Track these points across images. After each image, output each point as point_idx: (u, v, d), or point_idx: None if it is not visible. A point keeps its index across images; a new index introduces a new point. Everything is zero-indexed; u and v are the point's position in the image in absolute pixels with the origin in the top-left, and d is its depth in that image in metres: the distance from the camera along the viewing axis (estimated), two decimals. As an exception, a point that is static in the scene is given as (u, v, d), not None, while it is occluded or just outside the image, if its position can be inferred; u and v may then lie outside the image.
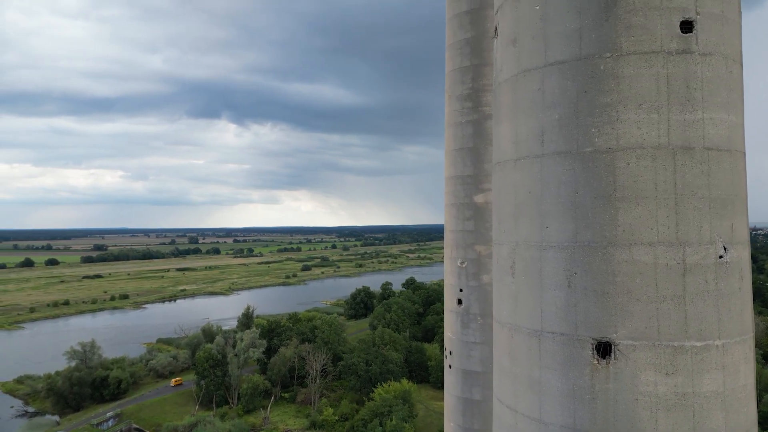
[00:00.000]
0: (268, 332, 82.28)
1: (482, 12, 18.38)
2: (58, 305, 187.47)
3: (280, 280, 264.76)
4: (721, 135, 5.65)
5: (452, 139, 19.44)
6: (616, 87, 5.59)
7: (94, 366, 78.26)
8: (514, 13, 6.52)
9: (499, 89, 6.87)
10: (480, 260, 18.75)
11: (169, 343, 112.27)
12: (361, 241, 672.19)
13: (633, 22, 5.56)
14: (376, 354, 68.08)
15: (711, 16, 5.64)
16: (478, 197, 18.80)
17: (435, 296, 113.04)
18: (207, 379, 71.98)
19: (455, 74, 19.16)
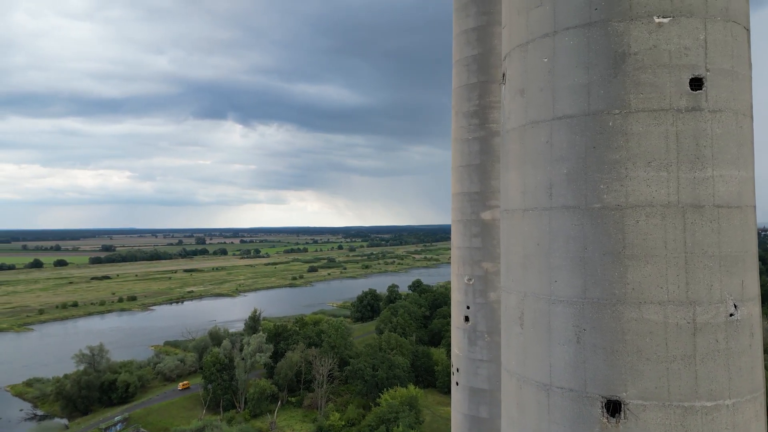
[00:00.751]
0: (275, 336, 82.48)
1: (489, 29, 18.38)
2: (67, 307, 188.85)
3: (287, 282, 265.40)
4: (732, 192, 5.62)
5: (459, 155, 19.44)
6: (624, 144, 5.57)
7: (102, 370, 78.80)
8: (522, 63, 6.51)
9: (507, 136, 6.86)
10: (487, 277, 18.74)
11: (176, 345, 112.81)
12: (368, 241, 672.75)
13: (642, 80, 5.54)
14: (383, 359, 68.11)
15: (721, 72, 5.62)
16: (485, 214, 18.79)
17: (441, 299, 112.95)
18: (214, 383, 72.30)
19: (462, 91, 19.15)
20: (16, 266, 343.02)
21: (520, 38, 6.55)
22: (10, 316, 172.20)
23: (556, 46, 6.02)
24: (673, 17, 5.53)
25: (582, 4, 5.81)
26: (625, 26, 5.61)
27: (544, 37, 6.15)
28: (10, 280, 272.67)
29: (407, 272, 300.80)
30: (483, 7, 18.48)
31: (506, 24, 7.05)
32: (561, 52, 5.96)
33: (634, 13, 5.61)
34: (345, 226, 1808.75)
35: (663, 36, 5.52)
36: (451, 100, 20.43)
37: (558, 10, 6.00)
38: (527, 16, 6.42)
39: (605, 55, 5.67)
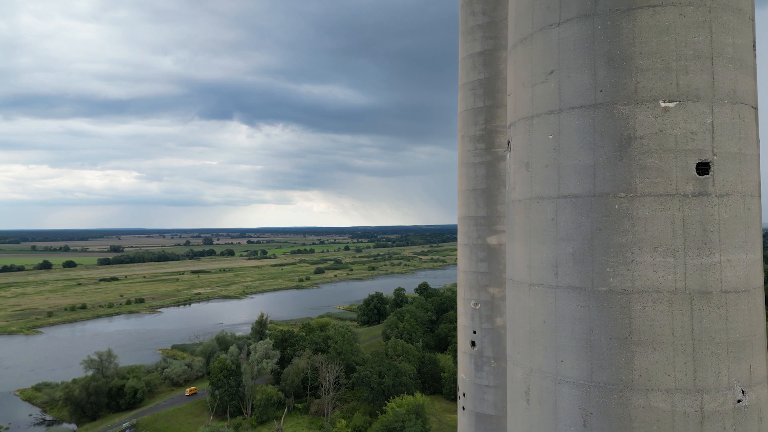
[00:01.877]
0: (282, 342, 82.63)
1: (495, 53, 18.33)
2: (75, 309, 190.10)
3: (294, 284, 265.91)
4: (739, 276, 5.58)
5: (465, 179, 19.38)
6: (631, 228, 5.54)
7: (110, 375, 79.26)
8: (527, 136, 6.49)
9: (512, 206, 6.84)
10: (494, 302, 18.66)
11: (183, 349, 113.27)
12: (374, 242, 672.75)
13: (648, 164, 5.51)
14: (389, 366, 68.09)
15: (728, 156, 5.57)
16: (491, 239, 18.71)
17: (448, 303, 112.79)
18: (221, 389, 72.53)
19: (468, 114, 19.10)
20: (25, 267, 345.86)
21: (525, 111, 6.53)
22: (19, 318, 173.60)
23: (562, 124, 6.00)
24: (679, 102, 5.49)
25: (587, 85, 5.79)
26: (630, 110, 5.58)
27: (549, 114, 6.14)
28: (20, 282, 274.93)
29: (414, 274, 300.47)
30: (489, 32, 18.43)
31: (511, 93, 7.03)
32: (566, 131, 5.94)
33: (639, 96, 5.58)
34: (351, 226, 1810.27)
35: (669, 120, 5.48)
36: (457, 123, 20.38)
37: (563, 89, 5.98)
38: (532, 90, 6.40)
39: (611, 138, 5.64)
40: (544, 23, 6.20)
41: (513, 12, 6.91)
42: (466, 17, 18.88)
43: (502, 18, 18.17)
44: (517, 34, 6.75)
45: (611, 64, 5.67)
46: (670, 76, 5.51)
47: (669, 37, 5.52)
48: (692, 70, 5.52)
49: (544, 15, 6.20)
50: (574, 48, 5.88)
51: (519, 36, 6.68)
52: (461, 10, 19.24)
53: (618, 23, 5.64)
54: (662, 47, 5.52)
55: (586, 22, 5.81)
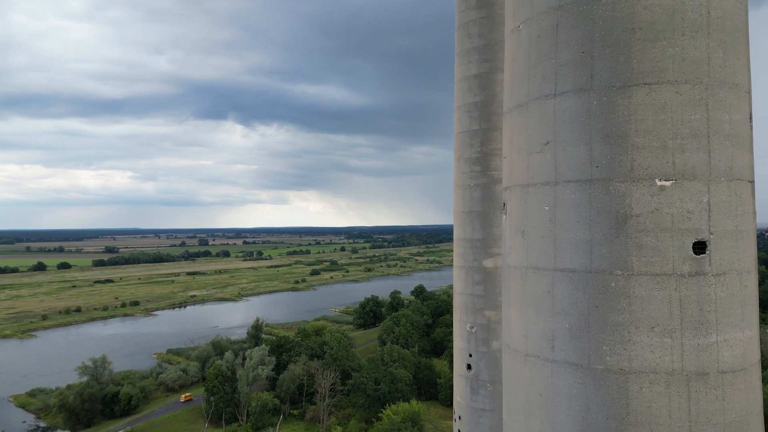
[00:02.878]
0: (277, 348, 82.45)
1: (491, 76, 18.32)
2: (70, 312, 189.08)
3: (289, 286, 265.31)
4: (736, 355, 5.55)
5: (461, 201, 19.34)
6: (627, 307, 5.50)
7: (104, 382, 78.85)
8: (522, 204, 6.44)
9: (508, 272, 6.79)
10: (489, 326, 18.62)
11: (179, 354, 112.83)
12: (370, 243, 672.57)
13: (644, 243, 5.47)
14: (385, 373, 68.02)
15: (725, 234, 5.54)
16: (487, 262, 18.68)
17: (444, 307, 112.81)
18: (216, 395, 72.28)
19: (464, 137, 19.07)
20: (19, 269, 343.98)
21: (521, 178, 6.48)
22: (13, 322, 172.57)
23: (558, 196, 5.95)
24: (675, 180, 5.45)
25: (583, 160, 5.75)
26: (627, 187, 5.54)
27: (545, 185, 6.09)
28: (14, 284, 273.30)
29: (410, 275, 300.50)
30: (485, 54, 18.41)
31: (507, 156, 6.98)
32: (562, 204, 5.90)
33: (635, 174, 5.54)
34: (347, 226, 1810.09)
35: (665, 199, 5.45)
36: (453, 144, 20.36)
37: (559, 161, 5.94)
38: (528, 158, 6.36)
39: (607, 214, 5.60)
40: (540, 93, 6.16)
41: (508, 76, 6.87)
42: (462, 39, 18.84)
43: (497, 41, 18.15)
44: (512, 99, 6.70)
45: (607, 140, 5.63)
46: (667, 154, 5.48)
47: (665, 116, 5.48)
48: (689, 149, 5.48)
49: (540, 85, 6.15)
50: (570, 121, 5.84)
51: (514, 102, 6.64)
52: (457, 31, 19.21)
53: (614, 100, 5.61)
54: (658, 125, 5.48)
55: (582, 96, 5.77)
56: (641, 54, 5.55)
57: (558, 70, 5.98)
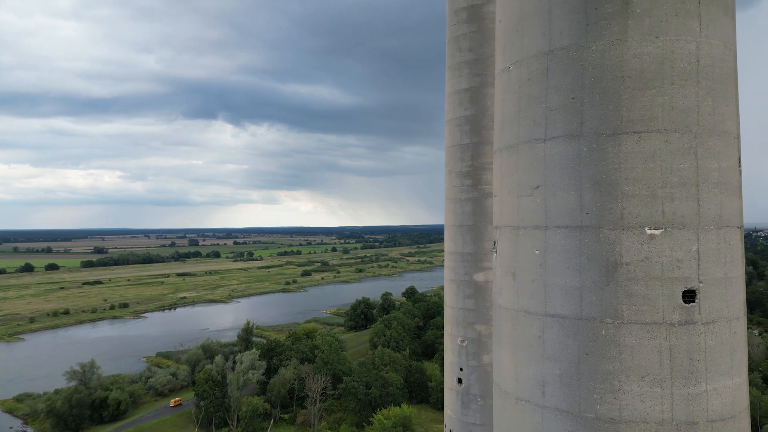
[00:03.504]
0: (268, 351, 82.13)
1: (482, 90, 18.36)
2: (58, 315, 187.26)
3: (280, 287, 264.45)
4: (725, 404, 5.56)
5: (452, 214, 19.37)
6: (618, 355, 5.49)
7: (93, 387, 78.09)
8: (513, 245, 6.43)
9: (499, 312, 6.77)
10: (480, 340, 18.65)
11: (168, 357, 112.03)
12: (362, 243, 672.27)
13: (634, 291, 5.47)
14: (376, 377, 68.02)
15: (714, 282, 5.56)
16: (478, 275, 18.70)
17: (435, 309, 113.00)
18: (206, 400, 71.84)
19: (454, 150, 19.12)
20: (7, 270, 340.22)
21: (511, 220, 6.47)
22: (0, 324, 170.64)
23: (548, 241, 5.94)
24: (665, 229, 5.46)
25: (573, 206, 5.74)
26: (617, 235, 5.54)
27: (536, 229, 6.08)
28: (1, 285, 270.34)
29: (401, 276, 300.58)
30: (476, 69, 18.45)
31: (497, 195, 6.96)
32: (552, 249, 5.88)
33: (625, 222, 5.54)
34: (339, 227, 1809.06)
35: (655, 248, 5.45)
36: (444, 157, 20.40)
37: (549, 206, 5.93)
38: (518, 200, 6.34)
39: (597, 262, 5.59)
40: (530, 137, 6.15)
41: (499, 116, 6.86)
42: (453, 53, 18.88)
43: (488, 55, 18.18)
44: (502, 139, 6.69)
45: (597, 187, 5.63)
46: (656, 203, 5.48)
47: (655, 164, 5.49)
48: (678, 198, 5.49)
49: (530, 128, 6.14)
50: (560, 167, 5.83)
51: (505, 142, 6.62)
52: (448, 45, 19.25)
53: (604, 147, 5.60)
54: (648, 174, 5.49)
55: (572, 142, 5.76)
56: (631, 102, 5.55)
57: (548, 115, 5.97)
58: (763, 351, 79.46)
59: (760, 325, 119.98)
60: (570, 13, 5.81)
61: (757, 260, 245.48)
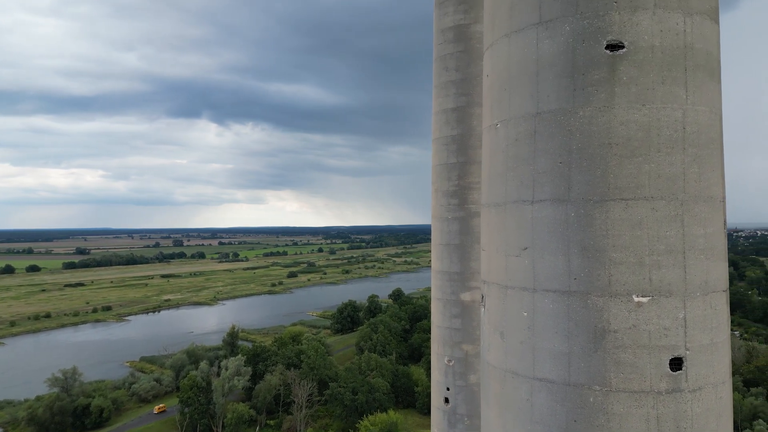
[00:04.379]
0: (253, 357, 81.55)
1: (468, 110, 18.42)
2: (40, 318, 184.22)
3: (266, 289, 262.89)
4: (711, 469, 5.59)
5: (439, 233, 19.41)
6: (606, 423, 5.49)
7: (75, 394, 76.88)
8: (501, 304, 6.40)
9: (487, 369, 6.74)
10: (467, 360, 18.70)
11: (152, 362, 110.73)
12: (348, 243, 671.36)
13: (622, 359, 5.47)
14: (362, 382, 67.90)
15: (701, 349, 5.58)
16: (464, 295, 18.75)
17: (422, 312, 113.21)
18: (191, 407, 71.10)
19: (441, 169, 19.17)
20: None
21: (499, 277, 6.44)
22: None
23: (536, 304, 5.92)
24: (652, 297, 5.47)
25: (562, 271, 5.72)
26: (604, 302, 5.53)
27: (524, 290, 6.06)
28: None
29: (387, 277, 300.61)
30: (462, 88, 18.52)
31: (485, 249, 6.94)
32: (541, 313, 5.87)
33: (613, 290, 5.53)
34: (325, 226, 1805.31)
35: (643, 316, 5.45)
36: (431, 176, 20.43)
37: (537, 269, 5.90)
38: (506, 260, 6.31)
39: (585, 328, 5.58)
40: (518, 197, 6.13)
41: (486, 171, 6.83)
42: (440, 72, 18.92)
43: (474, 75, 18.24)
44: (490, 195, 6.66)
45: (585, 253, 5.62)
46: (644, 270, 5.49)
47: (642, 232, 5.49)
48: (665, 265, 5.50)
49: (518, 189, 6.12)
50: (548, 230, 5.82)
51: (492, 199, 6.59)
52: (435, 63, 19.28)
53: (591, 213, 5.59)
54: (635, 241, 5.49)
55: (560, 206, 5.75)
56: (618, 169, 5.55)
57: (536, 177, 5.96)
58: (744, 354, 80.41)
59: (741, 326, 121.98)
60: (557, 77, 5.81)
61: (737, 261, 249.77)
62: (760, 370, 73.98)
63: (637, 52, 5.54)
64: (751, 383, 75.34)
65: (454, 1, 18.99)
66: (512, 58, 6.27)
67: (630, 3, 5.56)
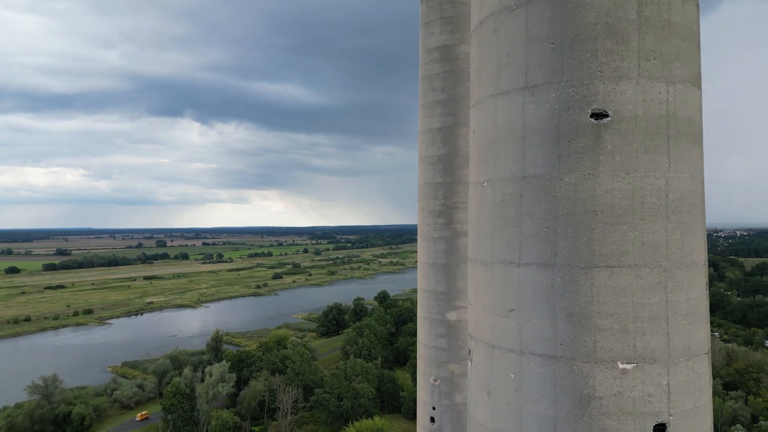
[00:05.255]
0: (238, 362, 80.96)
1: (454, 130, 18.52)
2: (19, 322, 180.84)
3: (251, 291, 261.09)
4: None
5: (425, 252, 19.45)
6: (591, 489, 5.56)
7: (56, 401, 75.62)
8: (488, 363, 6.43)
9: (474, 426, 6.77)
10: (453, 379, 18.77)
11: (135, 367, 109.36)
12: (334, 244, 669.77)
13: (608, 426, 5.52)
14: (348, 388, 67.79)
15: (683, 414, 5.67)
16: (450, 314, 18.82)
17: (407, 315, 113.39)
18: (174, 414, 70.38)
19: (427, 188, 19.23)
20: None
21: (486, 336, 6.47)
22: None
23: (523, 367, 5.96)
24: (636, 364, 5.54)
25: (548, 335, 5.77)
26: (590, 368, 5.59)
27: (511, 352, 6.09)
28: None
29: (373, 278, 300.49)
30: (448, 108, 18.61)
31: (472, 305, 6.97)
32: (527, 376, 5.90)
33: (598, 356, 5.59)
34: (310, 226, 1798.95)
35: (627, 383, 5.52)
36: (417, 194, 20.46)
37: (524, 332, 5.94)
38: (493, 319, 6.34)
39: (571, 393, 5.63)
40: (505, 258, 6.16)
41: (473, 228, 6.86)
42: (426, 92, 18.97)
43: (461, 95, 18.32)
44: (477, 253, 6.69)
45: (571, 319, 5.67)
46: (628, 337, 5.56)
47: (626, 299, 5.56)
48: (649, 332, 5.58)
49: (504, 250, 6.15)
50: (534, 294, 5.86)
51: (479, 257, 6.62)
52: (421, 83, 19.33)
53: (577, 280, 5.65)
54: (620, 309, 5.55)
55: (546, 271, 5.80)
56: (603, 237, 5.61)
57: (522, 241, 6.00)
58: (723, 357, 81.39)
59: (721, 327, 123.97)
60: (543, 143, 5.85)
61: (717, 261, 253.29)
62: (739, 373, 75.17)
63: (621, 122, 5.61)
64: (730, 386, 76.40)
65: (440, 21, 19.05)
66: (499, 119, 6.30)
67: (614, 73, 5.62)
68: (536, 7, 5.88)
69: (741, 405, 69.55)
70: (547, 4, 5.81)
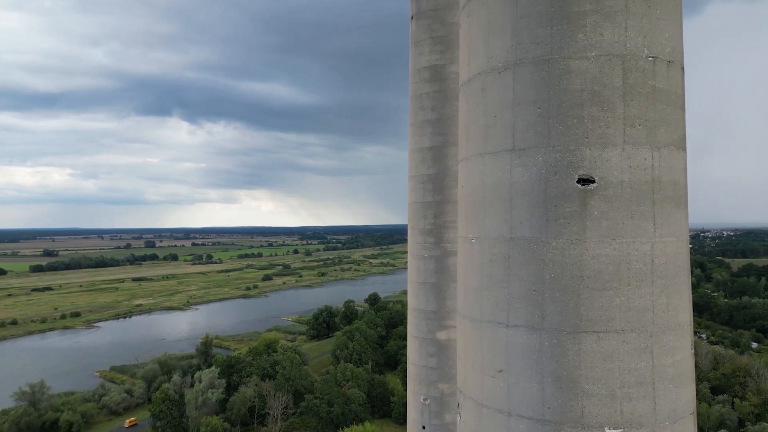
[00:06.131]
0: (228, 368, 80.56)
1: (444, 150, 18.57)
2: (5, 325, 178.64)
3: (240, 293, 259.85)
4: None
5: (415, 271, 19.47)
6: None
7: (43, 408, 74.82)
8: (477, 421, 6.45)
9: (462, 460, 6.80)
10: (443, 399, 18.82)
11: (123, 371, 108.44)
12: (324, 244, 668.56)
13: (594, 489, 5.58)
14: (338, 394, 67.72)
15: (669, 477, 5.72)
16: (440, 334, 18.86)
17: (398, 318, 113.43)
18: (163, 421, 69.90)
19: (417, 207, 19.27)
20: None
21: (475, 394, 6.49)
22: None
23: (511, 428, 5.98)
24: (623, 429, 5.58)
25: (536, 399, 5.79)
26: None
27: (499, 413, 6.12)
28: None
29: (363, 279, 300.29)
30: (438, 128, 18.66)
31: (461, 358, 6.99)
32: None
33: (586, 421, 5.63)
34: (300, 226, 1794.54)
35: (614, 449, 5.57)
36: (407, 213, 20.48)
37: (512, 393, 5.96)
38: (482, 378, 6.36)
39: (560, 456, 5.68)
40: (493, 318, 6.18)
41: (462, 283, 6.88)
42: (416, 111, 19.01)
43: (450, 115, 18.37)
44: (465, 309, 6.71)
45: (558, 383, 5.70)
46: (615, 403, 5.60)
47: (613, 364, 5.60)
48: (635, 397, 5.62)
49: (493, 311, 6.16)
50: (522, 357, 5.88)
51: (467, 313, 6.64)
52: (411, 102, 19.37)
53: (564, 344, 5.68)
54: (607, 374, 5.59)
55: (534, 334, 5.82)
56: (590, 302, 5.64)
57: (510, 302, 6.02)
58: (710, 361, 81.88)
59: (708, 328, 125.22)
60: (531, 207, 5.88)
61: (704, 262, 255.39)
62: (726, 377, 75.76)
63: (608, 188, 5.65)
64: (717, 390, 76.94)
65: (430, 41, 19.09)
66: (486, 179, 6.32)
67: (600, 139, 5.66)
68: (523, 71, 5.91)
69: (728, 409, 70.18)
70: (534, 69, 5.84)
